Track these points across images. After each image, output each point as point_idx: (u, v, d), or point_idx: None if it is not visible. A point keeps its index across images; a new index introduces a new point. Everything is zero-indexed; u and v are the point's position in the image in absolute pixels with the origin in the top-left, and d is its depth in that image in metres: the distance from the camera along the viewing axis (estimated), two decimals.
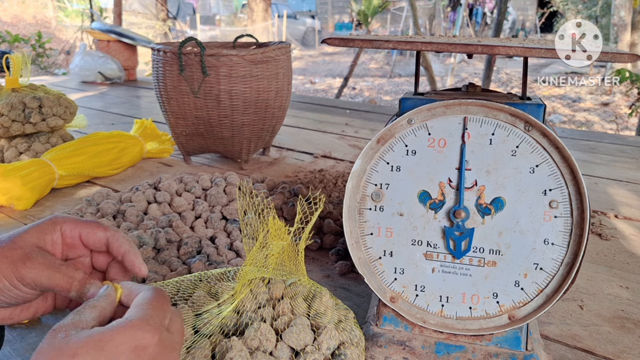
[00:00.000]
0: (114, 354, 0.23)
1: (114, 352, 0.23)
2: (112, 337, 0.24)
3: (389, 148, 0.40)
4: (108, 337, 0.24)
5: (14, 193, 0.75)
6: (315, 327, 0.36)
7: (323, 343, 0.34)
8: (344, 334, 0.37)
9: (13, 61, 0.92)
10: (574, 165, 0.36)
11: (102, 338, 0.24)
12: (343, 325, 0.38)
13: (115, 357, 0.23)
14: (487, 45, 0.34)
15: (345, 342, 0.36)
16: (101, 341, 0.24)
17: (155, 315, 0.26)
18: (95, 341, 0.24)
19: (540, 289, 0.38)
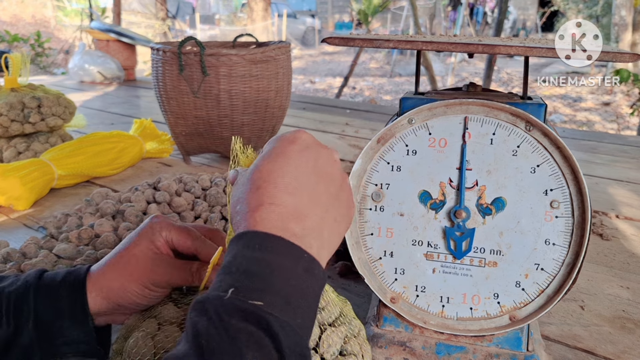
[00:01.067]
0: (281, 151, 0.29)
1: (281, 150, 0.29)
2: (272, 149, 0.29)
3: (390, 148, 0.40)
4: (269, 151, 0.29)
5: (13, 193, 0.75)
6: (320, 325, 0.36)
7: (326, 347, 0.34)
8: (344, 327, 0.36)
9: (12, 61, 0.92)
10: (575, 165, 0.36)
11: (266, 154, 0.29)
12: (342, 319, 0.37)
13: (284, 151, 0.28)
14: (487, 45, 0.34)
15: (346, 336, 0.36)
16: (267, 154, 0.29)
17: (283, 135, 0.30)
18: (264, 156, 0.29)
19: (541, 289, 0.38)
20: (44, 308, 0.33)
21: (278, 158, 0.28)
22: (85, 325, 0.34)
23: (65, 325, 0.33)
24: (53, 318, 0.33)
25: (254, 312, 0.23)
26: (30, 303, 0.33)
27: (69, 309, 0.34)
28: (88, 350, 0.35)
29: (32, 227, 0.71)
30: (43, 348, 0.33)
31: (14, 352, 0.32)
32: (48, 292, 0.34)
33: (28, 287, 0.34)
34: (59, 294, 0.34)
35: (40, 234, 0.68)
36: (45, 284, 0.34)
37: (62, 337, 0.33)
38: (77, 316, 0.34)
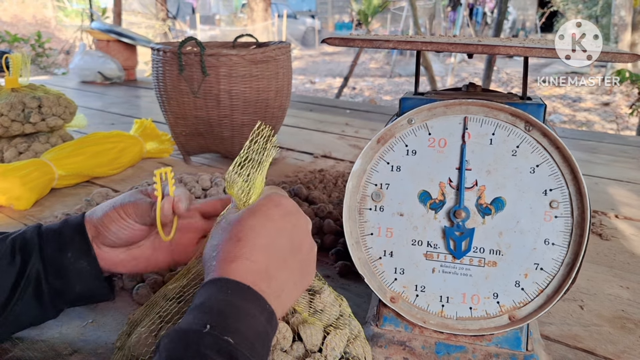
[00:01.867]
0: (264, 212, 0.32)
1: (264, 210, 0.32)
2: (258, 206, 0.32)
3: (389, 148, 0.40)
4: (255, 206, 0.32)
5: (14, 193, 0.75)
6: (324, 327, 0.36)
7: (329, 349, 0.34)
8: (347, 329, 0.37)
9: (12, 61, 0.92)
10: (574, 165, 0.36)
11: (252, 208, 0.32)
12: (342, 320, 0.37)
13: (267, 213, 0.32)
14: (487, 45, 0.34)
15: (349, 339, 0.36)
16: (253, 209, 0.32)
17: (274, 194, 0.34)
18: (249, 210, 0.32)
19: (541, 289, 0.38)
20: (48, 243, 0.38)
21: (261, 217, 0.32)
22: (89, 255, 0.38)
23: (69, 257, 0.38)
24: (56, 251, 0.38)
25: (227, 347, 0.25)
26: (33, 240, 0.38)
27: (70, 240, 0.38)
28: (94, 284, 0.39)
29: None
30: (51, 282, 0.37)
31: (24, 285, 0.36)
32: (50, 231, 0.39)
33: (32, 230, 0.38)
34: (62, 230, 0.39)
35: None
36: (48, 227, 0.39)
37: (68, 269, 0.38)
38: (79, 246, 0.38)
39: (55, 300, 0.38)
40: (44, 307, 0.38)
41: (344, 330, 0.36)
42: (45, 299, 0.37)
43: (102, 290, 0.40)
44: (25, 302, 0.37)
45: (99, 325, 0.47)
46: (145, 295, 0.50)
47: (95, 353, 0.43)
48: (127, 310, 0.49)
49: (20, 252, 0.37)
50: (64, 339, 0.45)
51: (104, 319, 0.48)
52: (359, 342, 0.36)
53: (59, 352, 0.43)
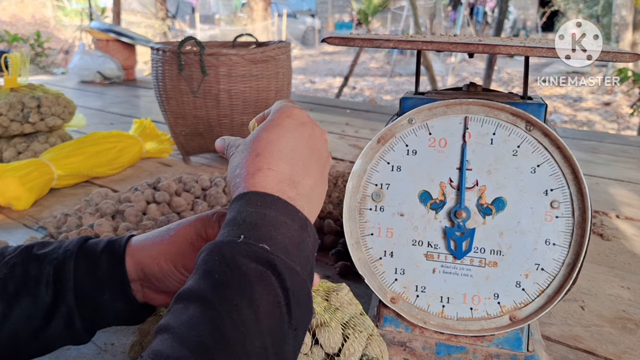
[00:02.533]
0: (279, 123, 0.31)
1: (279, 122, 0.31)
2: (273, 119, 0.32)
3: (390, 148, 0.40)
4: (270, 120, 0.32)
5: (13, 193, 0.75)
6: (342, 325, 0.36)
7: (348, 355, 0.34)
8: (365, 332, 0.36)
9: (12, 61, 0.92)
10: (575, 165, 0.36)
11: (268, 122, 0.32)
12: (357, 319, 0.37)
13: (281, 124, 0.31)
14: (488, 45, 0.34)
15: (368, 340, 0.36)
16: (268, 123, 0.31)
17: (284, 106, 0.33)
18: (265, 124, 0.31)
19: (542, 289, 0.38)
20: (83, 277, 0.34)
21: (276, 129, 0.31)
22: (126, 295, 0.35)
23: (105, 298, 0.34)
24: (92, 288, 0.34)
25: (263, 254, 0.25)
26: (70, 270, 0.34)
27: (108, 279, 0.34)
28: (131, 318, 0.36)
29: (32, 227, 0.71)
30: (85, 317, 0.34)
31: (56, 321, 0.34)
32: (88, 261, 0.34)
33: (69, 255, 0.34)
34: (99, 262, 0.34)
35: (39, 234, 0.67)
36: (86, 254, 0.35)
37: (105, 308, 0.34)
38: (116, 286, 0.34)
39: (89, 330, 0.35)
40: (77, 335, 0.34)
41: (363, 333, 0.35)
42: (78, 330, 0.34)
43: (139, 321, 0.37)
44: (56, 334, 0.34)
45: None
46: None
47: (95, 354, 0.43)
48: None
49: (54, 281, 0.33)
50: None
51: None
52: (375, 343, 0.36)
53: (58, 353, 0.43)
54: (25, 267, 0.34)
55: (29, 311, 0.33)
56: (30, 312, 0.33)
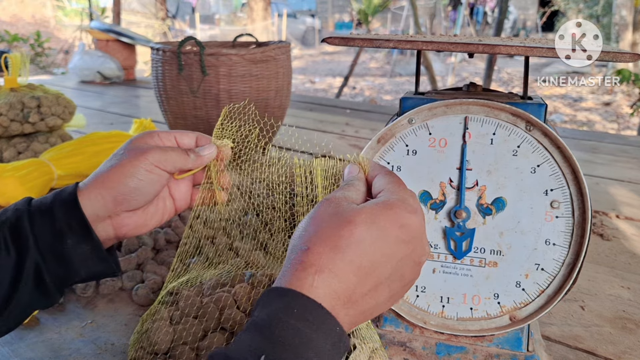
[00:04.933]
0: (384, 227, 0.26)
1: (384, 225, 0.26)
2: (382, 213, 0.27)
3: (390, 148, 0.40)
4: (378, 212, 0.27)
5: (13, 193, 0.75)
6: None
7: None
8: (371, 344, 0.36)
9: (12, 61, 0.92)
10: (575, 165, 0.36)
11: (374, 212, 0.26)
12: (364, 332, 0.37)
13: (385, 230, 0.26)
14: (488, 45, 0.34)
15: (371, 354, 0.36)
16: (373, 214, 0.26)
17: (410, 198, 0.28)
18: (368, 214, 0.26)
19: (542, 289, 0.38)
20: (42, 230, 0.33)
21: (377, 232, 0.26)
22: (90, 239, 0.33)
23: (69, 243, 0.33)
24: (53, 239, 0.33)
25: None
26: (26, 229, 0.33)
27: (67, 227, 0.33)
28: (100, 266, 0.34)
29: None
30: (53, 272, 0.33)
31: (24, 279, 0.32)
32: (42, 215, 0.33)
33: (20, 214, 0.33)
34: (53, 214, 0.33)
35: None
36: (37, 208, 0.34)
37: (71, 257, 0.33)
38: (78, 230, 0.33)
39: (59, 286, 0.34)
40: (48, 294, 0.34)
41: (368, 345, 0.35)
42: (49, 287, 0.33)
43: (108, 269, 0.35)
44: (27, 294, 0.33)
45: (98, 325, 0.47)
46: (144, 296, 0.50)
47: (94, 354, 0.43)
48: (126, 310, 0.49)
49: (13, 243, 0.33)
50: (63, 339, 0.45)
51: (103, 319, 0.48)
52: (379, 357, 0.36)
53: (58, 353, 0.43)
54: None
55: None
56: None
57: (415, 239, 0.27)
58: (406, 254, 0.27)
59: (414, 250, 0.27)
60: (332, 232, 0.25)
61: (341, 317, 0.25)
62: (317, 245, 0.25)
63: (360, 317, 0.26)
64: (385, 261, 0.26)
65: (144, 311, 0.49)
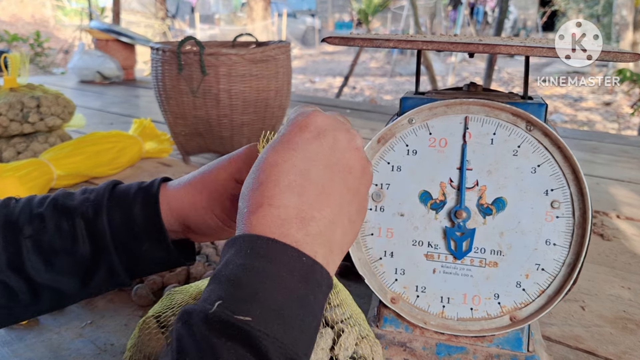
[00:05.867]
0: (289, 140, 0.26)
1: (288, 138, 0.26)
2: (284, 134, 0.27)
3: (390, 148, 0.40)
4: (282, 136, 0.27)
5: (12, 193, 0.75)
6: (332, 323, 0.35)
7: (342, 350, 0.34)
8: (357, 328, 0.36)
9: (11, 60, 0.92)
10: (575, 165, 0.36)
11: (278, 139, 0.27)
12: (353, 320, 0.37)
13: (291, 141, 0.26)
14: (488, 44, 0.34)
15: (357, 338, 0.36)
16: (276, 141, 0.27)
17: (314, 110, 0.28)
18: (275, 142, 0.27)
19: (542, 289, 0.38)
20: (118, 230, 0.33)
21: (284, 148, 0.25)
22: (164, 244, 0.33)
23: (145, 249, 0.33)
24: (129, 240, 0.33)
25: (241, 328, 0.20)
26: (104, 225, 0.32)
27: (144, 230, 0.33)
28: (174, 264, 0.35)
29: None
30: (128, 268, 0.34)
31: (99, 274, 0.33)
32: (121, 213, 0.33)
33: (99, 207, 0.33)
34: (133, 214, 0.33)
35: None
36: (117, 203, 0.33)
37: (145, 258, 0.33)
38: (154, 237, 0.33)
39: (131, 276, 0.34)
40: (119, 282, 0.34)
41: (354, 328, 0.35)
42: (121, 278, 0.34)
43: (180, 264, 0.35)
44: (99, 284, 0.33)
45: (97, 326, 0.47)
46: (144, 296, 0.50)
47: (94, 354, 0.43)
48: (126, 311, 0.49)
49: (90, 237, 0.32)
50: (63, 339, 0.45)
51: (102, 320, 0.48)
52: (367, 342, 0.36)
53: (57, 353, 0.43)
54: (56, 222, 0.33)
55: (69, 268, 0.32)
56: (71, 269, 0.32)
57: (329, 129, 0.26)
58: (331, 144, 0.26)
59: (335, 138, 0.26)
60: (254, 179, 0.25)
61: (303, 243, 0.23)
62: (250, 194, 0.25)
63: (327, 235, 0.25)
64: (312, 162, 0.25)
65: (143, 311, 0.49)
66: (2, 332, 0.45)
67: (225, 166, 0.34)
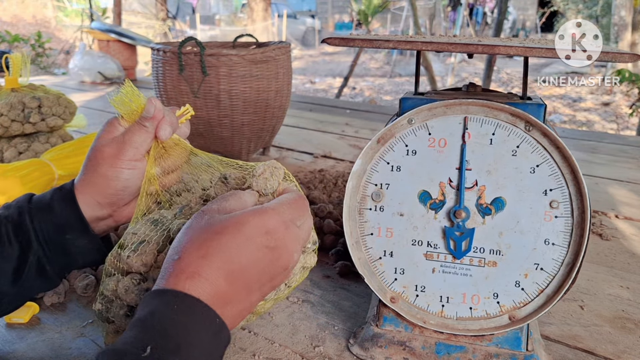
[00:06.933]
0: (250, 233, 0.28)
1: (250, 232, 0.28)
2: (249, 220, 0.28)
3: (389, 148, 0.40)
4: (245, 219, 0.28)
5: (13, 193, 0.75)
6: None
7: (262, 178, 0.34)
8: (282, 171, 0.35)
9: (12, 61, 0.92)
10: (574, 165, 0.36)
11: (241, 220, 0.28)
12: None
13: (251, 236, 0.28)
14: (487, 45, 0.34)
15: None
16: (239, 222, 0.28)
17: (288, 211, 0.30)
18: (235, 222, 0.28)
19: (541, 289, 0.38)
20: (42, 226, 0.36)
21: (242, 239, 0.28)
22: (88, 234, 0.37)
23: (68, 239, 0.36)
24: (53, 234, 0.36)
25: None
26: (27, 224, 0.36)
27: (66, 222, 0.36)
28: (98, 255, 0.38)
29: None
30: (54, 261, 0.37)
31: (28, 270, 0.36)
32: (42, 211, 0.37)
33: (22, 210, 0.37)
34: (53, 210, 0.37)
35: None
36: (37, 205, 0.37)
37: (70, 249, 0.37)
38: (76, 227, 0.37)
39: (59, 273, 0.38)
40: (49, 280, 0.37)
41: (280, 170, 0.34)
42: (50, 274, 0.37)
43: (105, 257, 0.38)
44: (30, 281, 0.36)
45: (98, 325, 0.47)
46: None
47: (95, 353, 0.43)
48: None
49: (15, 237, 0.36)
50: (64, 339, 0.45)
51: None
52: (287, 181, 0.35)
53: (58, 353, 0.43)
54: None
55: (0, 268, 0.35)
56: (2, 269, 0.35)
57: (280, 247, 0.29)
58: (272, 260, 0.29)
59: (280, 256, 0.29)
60: (201, 243, 0.27)
61: (220, 314, 0.27)
62: (188, 254, 0.27)
63: (238, 315, 0.28)
64: (252, 266, 0.28)
65: None
66: (3, 332, 0.46)
67: (101, 137, 0.38)
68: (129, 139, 0.37)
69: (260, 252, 0.28)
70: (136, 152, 0.37)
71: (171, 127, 0.39)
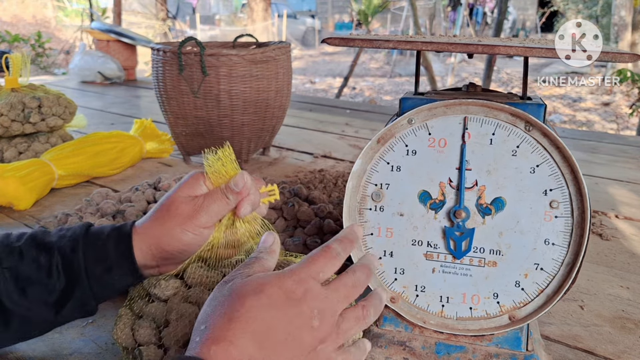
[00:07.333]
0: (271, 294, 0.29)
1: (271, 292, 0.29)
2: (269, 281, 0.29)
3: (389, 148, 0.40)
4: (266, 280, 0.29)
5: (14, 193, 0.75)
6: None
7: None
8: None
9: (12, 61, 0.92)
10: (574, 165, 0.36)
11: (262, 281, 0.29)
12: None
13: (272, 296, 0.29)
14: (487, 45, 0.34)
15: None
16: (260, 283, 0.29)
17: (306, 269, 0.30)
18: (255, 284, 0.29)
19: (541, 289, 0.38)
20: (93, 264, 0.37)
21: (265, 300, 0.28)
22: (135, 273, 0.38)
23: (115, 279, 0.38)
24: (102, 272, 0.37)
25: None
26: (79, 261, 0.37)
27: (117, 264, 0.37)
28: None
29: (33, 227, 0.71)
30: (98, 296, 0.38)
31: (71, 304, 0.37)
32: (95, 248, 0.38)
33: (75, 245, 0.37)
34: (107, 249, 0.38)
35: None
36: (92, 241, 0.38)
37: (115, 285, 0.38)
38: (125, 269, 0.38)
39: (99, 303, 0.39)
40: (89, 312, 0.39)
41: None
42: (90, 307, 0.38)
43: None
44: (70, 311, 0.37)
45: (98, 325, 0.47)
46: None
47: (95, 353, 0.43)
48: None
49: (64, 271, 0.37)
50: (64, 339, 0.45)
51: (103, 319, 0.48)
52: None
53: (58, 353, 0.43)
54: (34, 255, 0.37)
55: (43, 298, 0.36)
56: (45, 299, 0.36)
57: (303, 302, 0.29)
58: (296, 315, 0.29)
59: (301, 312, 0.29)
60: (226, 309, 0.28)
61: None
62: (216, 320, 0.28)
63: None
64: (277, 324, 0.28)
65: None
66: None
67: (181, 189, 0.39)
68: (207, 205, 0.37)
69: (284, 310, 0.28)
70: (209, 220, 0.38)
71: (252, 207, 0.39)
